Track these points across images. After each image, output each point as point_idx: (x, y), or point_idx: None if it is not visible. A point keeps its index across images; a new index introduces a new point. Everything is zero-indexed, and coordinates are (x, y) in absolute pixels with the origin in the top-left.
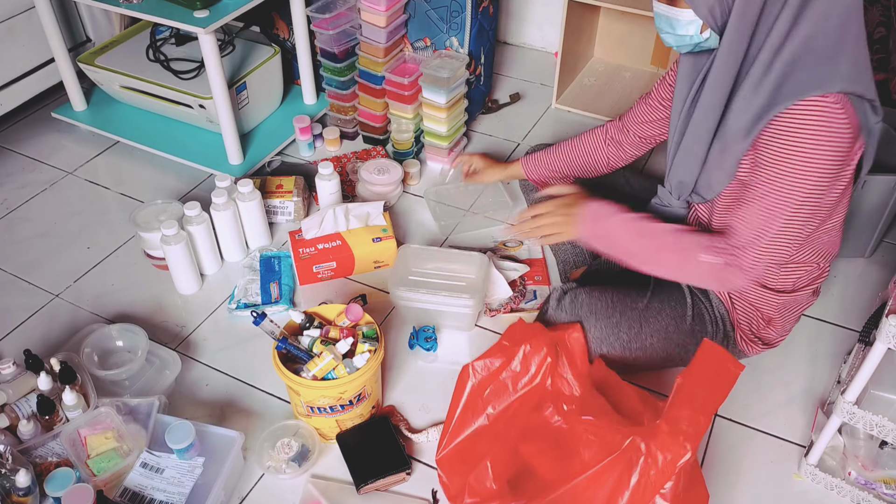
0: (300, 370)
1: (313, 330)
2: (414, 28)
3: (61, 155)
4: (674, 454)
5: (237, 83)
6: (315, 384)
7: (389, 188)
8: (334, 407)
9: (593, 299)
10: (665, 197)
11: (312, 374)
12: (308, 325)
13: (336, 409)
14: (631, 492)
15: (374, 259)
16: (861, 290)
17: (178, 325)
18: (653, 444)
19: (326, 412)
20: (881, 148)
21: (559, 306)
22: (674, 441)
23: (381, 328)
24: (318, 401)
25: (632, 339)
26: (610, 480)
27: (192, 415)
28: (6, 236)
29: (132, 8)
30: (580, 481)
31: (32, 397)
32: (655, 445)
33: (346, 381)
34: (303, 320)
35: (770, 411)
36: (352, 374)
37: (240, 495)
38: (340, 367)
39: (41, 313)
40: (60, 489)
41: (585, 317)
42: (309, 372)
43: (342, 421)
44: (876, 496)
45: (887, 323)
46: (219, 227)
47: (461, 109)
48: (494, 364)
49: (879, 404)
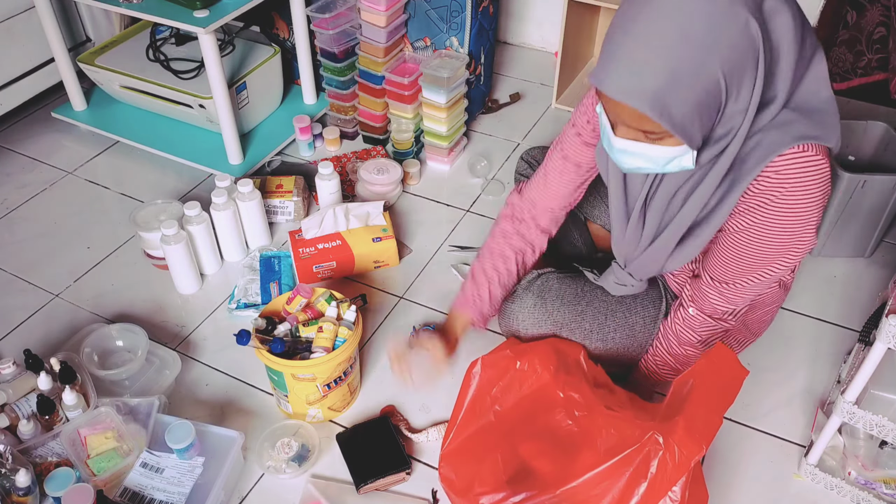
0: (305, 357)
1: (281, 326)
2: (414, 28)
3: (61, 155)
4: (689, 451)
5: (237, 83)
6: (335, 354)
7: (389, 188)
8: (347, 371)
9: (564, 285)
10: (623, 278)
11: (324, 348)
12: (271, 325)
13: (348, 370)
14: (648, 484)
15: (373, 259)
16: (861, 290)
17: (177, 325)
18: (671, 439)
19: (341, 379)
20: (881, 148)
21: (529, 287)
22: (691, 438)
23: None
24: (335, 372)
25: (594, 329)
26: (627, 472)
27: (192, 415)
28: (6, 236)
29: (132, 8)
30: (599, 472)
31: (32, 397)
32: (674, 441)
33: (357, 333)
34: (266, 322)
35: (770, 411)
36: (356, 326)
37: (240, 495)
38: (342, 328)
39: (41, 313)
40: (60, 489)
41: (551, 300)
42: (320, 348)
43: (352, 383)
44: (876, 496)
45: (887, 323)
46: (219, 227)
47: (461, 109)
48: (502, 361)
49: (879, 404)
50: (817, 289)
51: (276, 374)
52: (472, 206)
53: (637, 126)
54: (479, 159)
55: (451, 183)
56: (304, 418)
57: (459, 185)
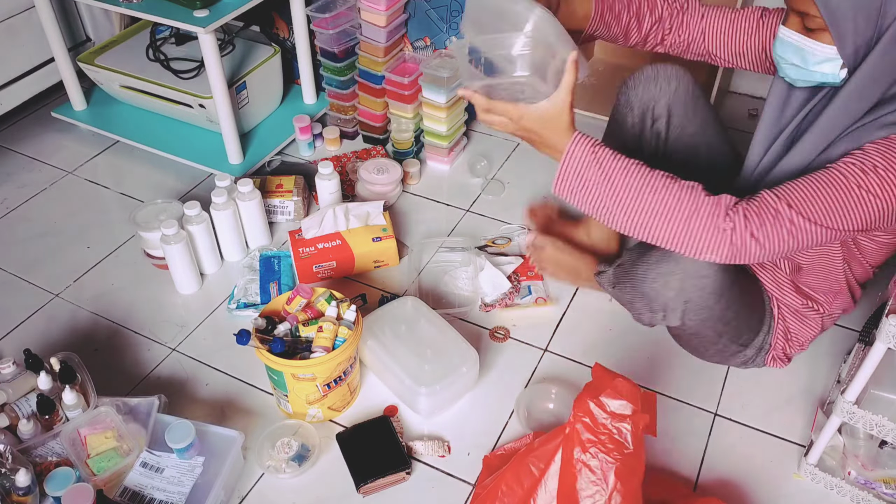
0: (305, 356)
1: (281, 326)
2: (414, 27)
3: (61, 154)
4: None
5: (237, 83)
6: (335, 354)
7: (389, 188)
8: (347, 371)
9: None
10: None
11: (324, 348)
12: (271, 325)
13: (348, 370)
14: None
15: (373, 258)
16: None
17: (177, 324)
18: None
19: (341, 378)
20: None
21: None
22: None
23: (335, 292)
24: (335, 371)
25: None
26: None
27: (192, 414)
28: (6, 236)
29: (132, 7)
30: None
31: (32, 397)
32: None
33: (357, 333)
34: (266, 321)
35: (770, 411)
36: (356, 326)
37: (239, 495)
38: (342, 328)
39: (41, 313)
40: (60, 489)
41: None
42: (320, 347)
43: (352, 383)
44: (876, 496)
45: (887, 323)
46: (218, 227)
47: (461, 109)
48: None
49: (879, 404)
50: None
51: (276, 373)
52: (472, 205)
53: (800, 7)
54: (479, 159)
55: (451, 182)
56: (304, 418)
57: (459, 184)
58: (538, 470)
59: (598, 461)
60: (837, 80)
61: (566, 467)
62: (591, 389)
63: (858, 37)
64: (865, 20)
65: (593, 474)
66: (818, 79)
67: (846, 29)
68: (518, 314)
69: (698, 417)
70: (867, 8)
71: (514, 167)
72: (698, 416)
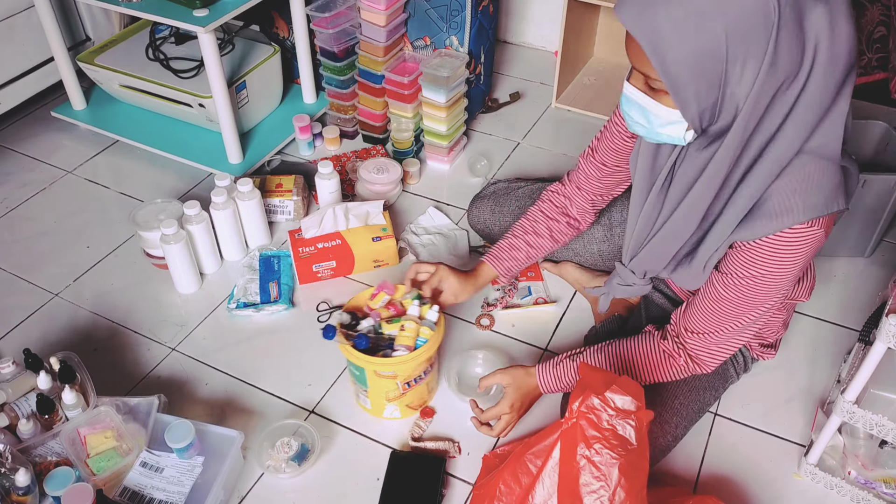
0: (387, 354)
1: (364, 322)
2: (414, 27)
3: (61, 154)
4: None
5: (237, 82)
6: (417, 354)
7: (389, 187)
8: (427, 370)
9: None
10: (626, 276)
11: (406, 346)
12: (355, 321)
13: (428, 370)
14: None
15: (373, 258)
16: (861, 290)
17: (177, 324)
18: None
19: (421, 378)
20: (881, 148)
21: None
22: None
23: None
24: (416, 371)
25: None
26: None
27: (192, 414)
28: (6, 235)
29: (132, 7)
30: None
31: (32, 396)
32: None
33: (439, 334)
34: (350, 318)
35: (770, 411)
36: (438, 326)
37: (239, 495)
38: (424, 328)
39: (41, 312)
40: (60, 488)
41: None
42: (402, 346)
43: (430, 383)
44: (876, 495)
45: (887, 322)
46: (218, 227)
47: (461, 108)
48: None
49: (879, 404)
50: (817, 288)
51: (358, 369)
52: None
53: (640, 68)
54: (478, 158)
55: (451, 182)
56: (381, 415)
57: (459, 184)
58: (536, 467)
59: (602, 457)
60: (683, 142)
61: (567, 463)
62: (583, 387)
63: (702, 101)
64: (707, 87)
65: (597, 470)
66: (665, 140)
67: (688, 92)
68: (518, 314)
69: None
70: (707, 75)
71: (513, 167)
72: None
